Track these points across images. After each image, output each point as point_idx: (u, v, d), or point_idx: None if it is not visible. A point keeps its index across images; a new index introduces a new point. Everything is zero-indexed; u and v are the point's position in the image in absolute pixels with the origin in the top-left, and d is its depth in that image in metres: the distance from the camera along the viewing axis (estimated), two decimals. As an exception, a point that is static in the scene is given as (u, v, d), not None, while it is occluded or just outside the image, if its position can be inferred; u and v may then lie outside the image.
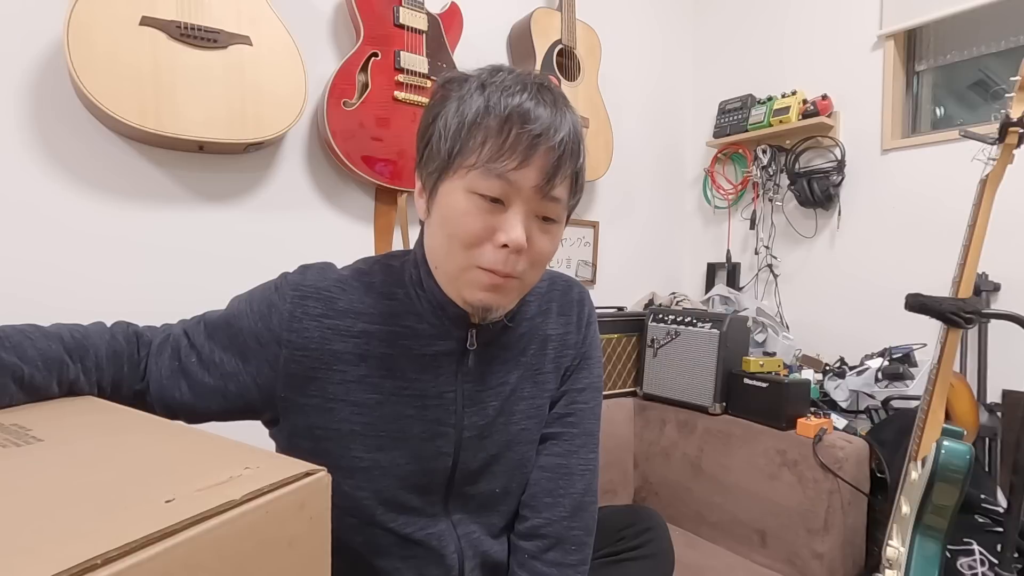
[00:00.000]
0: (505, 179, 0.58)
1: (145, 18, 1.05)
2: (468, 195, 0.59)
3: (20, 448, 0.38)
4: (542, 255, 0.64)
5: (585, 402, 0.78)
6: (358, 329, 0.67)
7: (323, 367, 0.65)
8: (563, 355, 0.77)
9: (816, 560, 1.30)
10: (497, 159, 0.58)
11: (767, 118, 1.93)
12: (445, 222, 0.62)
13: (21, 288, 1.06)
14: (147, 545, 0.27)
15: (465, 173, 0.59)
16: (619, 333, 1.74)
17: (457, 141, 0.60)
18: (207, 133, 1.11)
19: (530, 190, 0.59)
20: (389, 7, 1.37)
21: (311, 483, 0.37)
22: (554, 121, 0.60)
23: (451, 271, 0.63)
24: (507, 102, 0.59)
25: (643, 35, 2.19)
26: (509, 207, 0.60)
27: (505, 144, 0.58)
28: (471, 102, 0.60)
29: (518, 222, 0.59)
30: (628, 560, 0.82)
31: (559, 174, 0.60)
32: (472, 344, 0.69)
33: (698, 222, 2.34)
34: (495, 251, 0.60)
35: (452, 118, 0.61)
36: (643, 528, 0.85)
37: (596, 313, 0.82)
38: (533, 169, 0.59)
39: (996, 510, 1.21)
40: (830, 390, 1.59)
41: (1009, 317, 1.07)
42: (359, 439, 0.66)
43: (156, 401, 0.64)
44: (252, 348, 0.65)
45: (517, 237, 0.59)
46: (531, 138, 0.58)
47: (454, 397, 0.69)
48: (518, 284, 0.64)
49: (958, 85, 1.79)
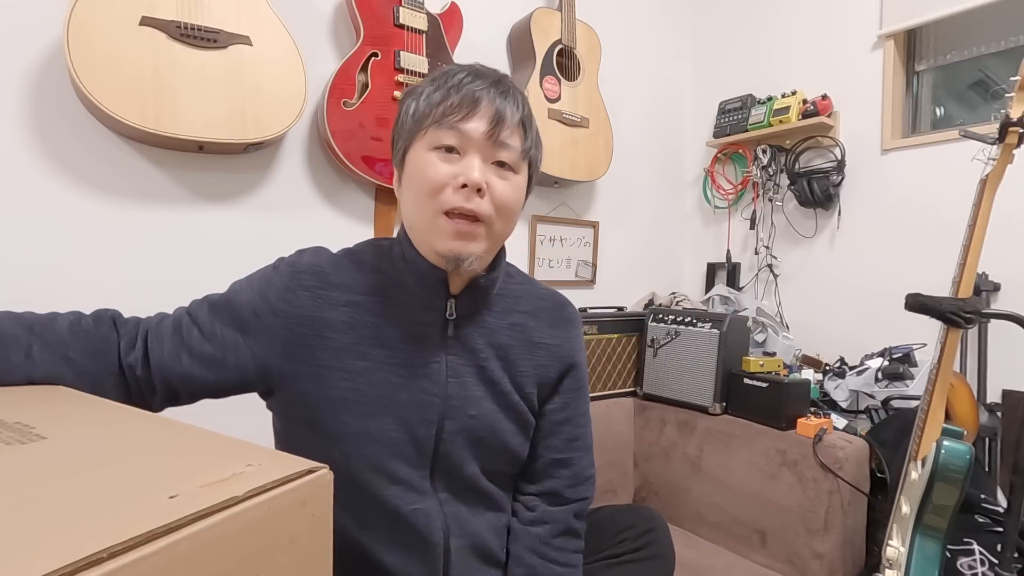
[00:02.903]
0: (457, 129, 0.68)
1: (145, 18, 1.05)
2: (428, 152, 0.69)
3: (24, 446, 0.38)
4: (503, 200, 0.71)
5: (578, 407, 0.85)
6: (348, 299, 0.73)
7: (315, 335, 0.71)
8: (548, 366, 0.81)
9: (816, 560, 1.30)
10: (447, 115, 0.68)
11: (767, 118, 1.93)
12: (412, 180, 0.70)
13: (21, 288, 1.06)
14: (151, 540, 0.27)
15: (423, 135, 0.69)
16: (619, 333, 1.74)
17: (414, 118, 0.70)
18: (207, 133, 1.11)
19: (481, 137, 0.68)
20: (389, 7, 1.37)
21: (313, 480, 0.37)
22: (493, 84, 0.71)
23: (423, 224, 0.70)
24: (452, 80, 0.70)
25: (643, 35, 2.19)
26: (465, 155, 0.69)
27: (452, 104, 0.68)
28: (424, 91, 0.71)
29: (474, 165, 0.68)
30: (629, 562, 0.82)
31: (504, 122, 0.69)
32: (452, 314, 0.75)
33: (698, 222, 2.34)
34: (456, 192, 0.67)
35: (410, 105, 0.72)
36: (645, 529, 0.85)
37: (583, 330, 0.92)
38: (479, 119, 0.68)
39: (996, 510, 1.21)
40: (830, 390, 1.60)
41: (1009, 317, 1.07)
42: (349, 405, 0.70)
43: (156, 373, 0.67)
44: (250, 321, 0.70)
45: (473, 176, 0.67)
46: (473, 94, 0.69)
47: (439, 367, 0.74)
48: (484, 230, 0.70)
49: (958, 85, 1.79)
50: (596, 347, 1.69)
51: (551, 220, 1.89)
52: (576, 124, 1.74)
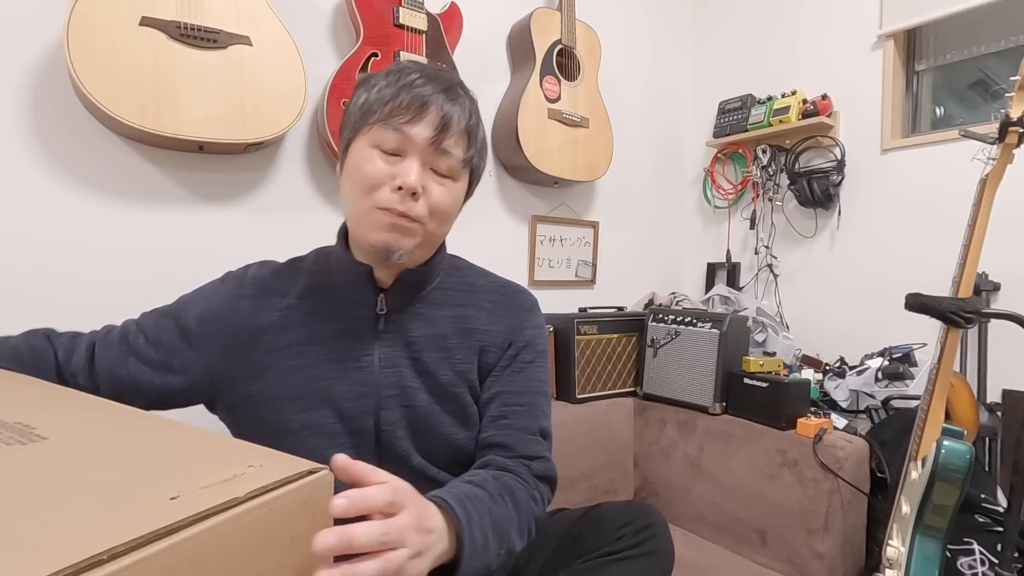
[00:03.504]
0: (400, 131, 0.69)
1: (145, 18, 1.05)
2: (371, 148, 0.70)
3: (25, 446, 0.38)
4: (439, 205, 0.73)
5: (521, 404, 0.82)
6: (284, 304, 0.77)
7: (253, 339, 0.75)
8: (489, 353, 0.81)
9: (816, 560, 1.30)
10: (393, 115, 0.69)
11: (767, 118, 1.93)
12: (351, 174, 0.72)
13: (21, 288, 1.06)
14: (152, 541, 0.27)
15: (368, 131, 0.71)
16: (619, 333, 1.74)
17: (362, 110, 0.72)
18: (207, 133, 1.11)
19: (423, 143, 0.70)
20: (389, 7, 1.37)
21: (313, 481, 0.37)
22: (445, 90, 0.72)
23: (357, 215, 0.72)
24: (404, 79, 0.71)
25: (643, 35, 2.19)
26: (405, 158, 0.70)
27: (400, 104, 0.69)
28: (376, 84, 0.72)
29: (412, 169, 0.69)
30: (628, 559, 0.81)
31: (449, 129, 0.71)
32: (382, 308, 0.77)
33: (698, 222, 2.34)
34: (391, 193, 0.69)
35: (361, 95, 0.73)
36: (643, 525, 0.84)
37: (543, 321, 0.89)
38: (424, 124, 0.70)
39: (996, 510, 1.21)
40: (830, 390, 1.60)
41: (1009, 317, 1.07)
42: (289, 402, 0.74)
43: (103, 380, 0.72)
44: (194, 330, 0.75)
45: (410, 180, 0.68)
46: (422, 98, 0.70)
47: (371, 359, 0.76)
48: (420, 229, 0.72)
49: (958, 85, 1.79)
50: (596, 347, 1.69)
51: (551, 220, 1.89)
52: (576, 124, 1.74)
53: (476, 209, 1.71)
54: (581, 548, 0.83)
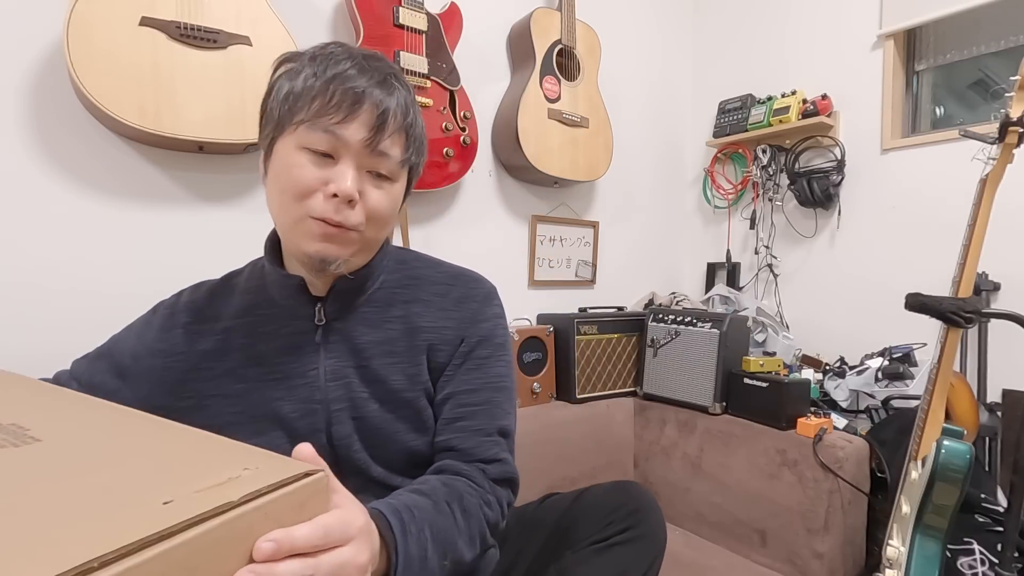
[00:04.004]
0: (332, 133, 0.63)
1: (145, 18, 1.05)
2: (299, 151, 0.64)
3: (18, 448, 0.38)
4: (377, 210, 0.67)
5: (477, 404, 0.76)
6: (220, 327, 0.74)
7: (192, 368, 0.73)
8: (440, 351, 0.75)
9: (816, 560, 1.30)
10: (323, 115, 0.62)
11: (767, 118, 1.93)
12: (278, 178, 0.66)
13: (21, 288, 1.06)
14: (144, 547, 0.27)
15: (295, 130, 0.64)
16: (619, 333, 1.74)
17: (287, 103, 0.65)
18: (207, 133, 1.11)
19: (358, 144, 0.64)
20: (389, 7, 1.37)
21: (310, 484, 0.37)
22: (379, 83, 0.65)
23: (287, 224, 0.67)
24: (334, 69, 0.64)
25: (643, 35, 2.19)
26: (339, 161, 0.64)
27: (331, 102, 0.63)
28: (301, 71, 0.65)
29: (347, 174, 0.63)
30: (617, 545, 0.77)
31: (386, 129, 0.65)
32: (320, 319, 0.73)
33: (698, 222, 2.33)
34: (326, 201, 0.63)
35: (283, 84, 0.66)
36: (632, 509, 0.80)
37: (500, 311, 0.82)
38: (359, 124, 0.63)
39: (996, 509, 1.21)
40: (830, 390, 1.59)
41: (1009, 317, 1.07)
42: (238, 428, 0.70)
43: None
44: (129, 366, 0.73)
45: (346, 187, 0.63)
46: (354, 95, 0.63)
47: (317, 373, 0.73)
48: (357, 237, 0.67)
49: (958, 85, 1.79)
50: (596, 347, 1.69)
51: (551, 220, 1.89)
52: (576, 124, 1.73)
53: (476, 209, 1.71)
54: (571, 538, 0.80)
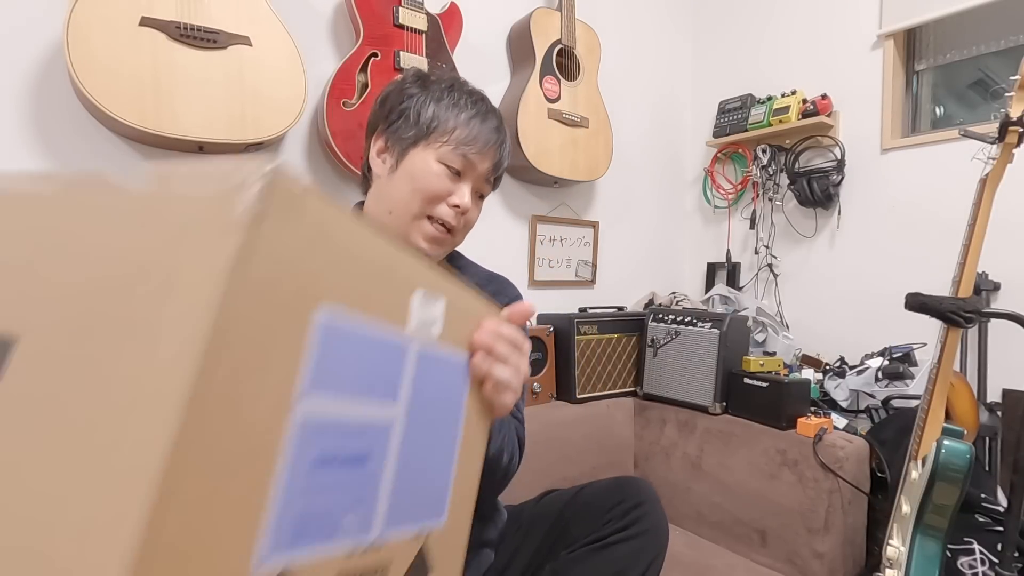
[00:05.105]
0: (468, 159, 0.80)
1: (145, 19, 1.05)
2: (438, 164, 0.80)
3: None
4: (472, 221, 0.86)
5: None
6: None
7: None
8: None
9: (816, 560, 1.30)
10: (466, 144, 0.80)
11: (767, 118, 1.93)
12: (414, 179, 0.80)
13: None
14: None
15: (439, 146, 0.80)
16: (619, 333, 1.74)
17: (435, 120, 0.80)
18: (207, 134, 1.11)
19: (483, 171, 0.83)
20: (389, 7, 1.37)
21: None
22: (498, 129, 0.84)
23: (407, 216, 0.80)
24: (472, 109, 0.82)
25: (643, 35, 2.19)
26: (463, 180, 0.82)
27: (473, 136, 0.80)
28: (442, 97, 0.81)
29: (468, 191, 0.82)
30: (618, 542, 0.78)
31: (501, 167, 0.86)
32: None
33: (698, 222, 2.34)
34: (447, 208, 0.81)
35: (427, 104, 0.81)
36: (632, 504, 0.81)
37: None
38: (488, 159, 0.83)
39: (996, 509, 1.21)
40: (830, 390, 1.60)
41: (1009, 316, 1.07)
42: None
43: None
44: None
45: (465, 202, 0.81)
46: (488, 135, 0.82)
47: None
48: (451, 240, 0.84)
49: (958, 84, 1.79)
50: (596, 347, 1.69)
51: (551, 220, 1.89)
52: (576, 124, 1.74)
53: (476, 209, 1.71)
54: (568, 537, 0.80)
